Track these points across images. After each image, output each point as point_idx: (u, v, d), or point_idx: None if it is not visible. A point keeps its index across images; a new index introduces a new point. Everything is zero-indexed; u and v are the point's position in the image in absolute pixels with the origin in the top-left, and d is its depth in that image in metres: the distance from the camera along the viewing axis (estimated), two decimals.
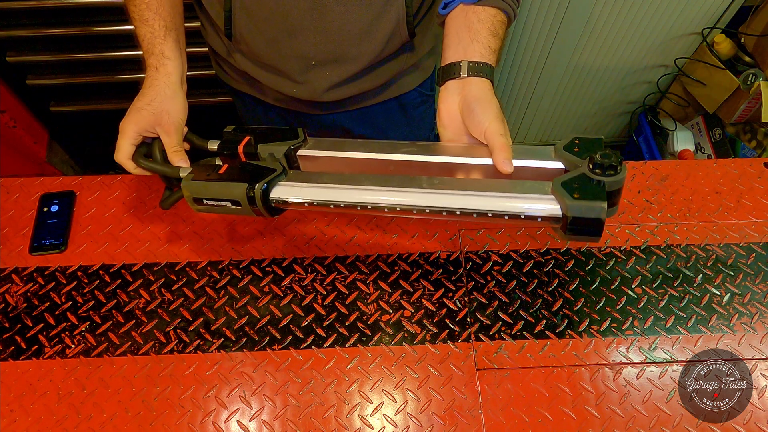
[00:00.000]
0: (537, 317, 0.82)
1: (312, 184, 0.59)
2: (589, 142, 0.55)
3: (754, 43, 1.51)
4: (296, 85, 0.80)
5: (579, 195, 0.49)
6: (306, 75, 0.78)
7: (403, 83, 0.87)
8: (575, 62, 1.68)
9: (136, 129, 0.64)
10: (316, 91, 0.80)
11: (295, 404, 0.73)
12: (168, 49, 0.66)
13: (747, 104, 1.55)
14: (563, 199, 0.50)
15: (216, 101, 1.60)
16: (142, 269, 0.83)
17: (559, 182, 0.51)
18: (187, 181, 0.61)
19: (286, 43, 0.73)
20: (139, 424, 0.70)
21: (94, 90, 1.60)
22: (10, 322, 0.78)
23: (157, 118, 0.65)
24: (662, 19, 1.53)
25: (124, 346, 0.76)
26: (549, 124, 1.96)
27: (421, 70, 0.88)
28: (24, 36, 1.39)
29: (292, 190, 0.59)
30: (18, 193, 0.91)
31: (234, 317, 0.80)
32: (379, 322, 0.80)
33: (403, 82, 0.87)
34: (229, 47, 0.79)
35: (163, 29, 0.66)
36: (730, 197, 0.96)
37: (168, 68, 0.66)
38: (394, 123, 0.93)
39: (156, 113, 0.65)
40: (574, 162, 0.54)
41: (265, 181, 0.58)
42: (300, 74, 0.78)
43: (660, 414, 0.74)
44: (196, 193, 0.61)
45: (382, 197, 0.57)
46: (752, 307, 0.84)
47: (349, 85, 0.80)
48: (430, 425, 0.72)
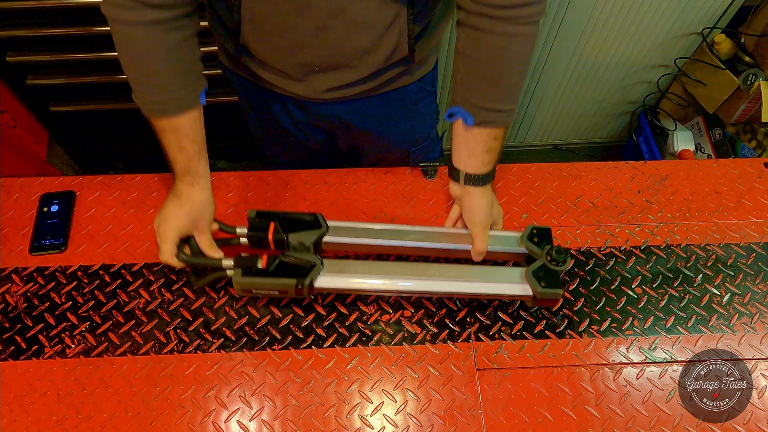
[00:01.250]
0: (537, 317, 0.82)
1: (343, 275, 0.75)
2: (542, 230, 0.78)
3: (754, 43, 1.51)
4: (297, 84, 0.82)
5: (545, 284, 0.72)
6: (307, 77, 0.80)
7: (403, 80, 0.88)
8: (575, 62, 1.68)
9: (177, 234, 0.74)
10: (316, 91, 0.82)
11: (295, 404, 0.73)
12: (201, 167, 0.74)
13: (747, 104, 1.55)
14: (534, 287, 0.73)
15: (218, 101, 1.60)
16: (142, 269, 0.83)
17: (530, 272, 0.73)
18: (238, 278, 0.71)
19: (290, 52, 0.76)
20: (139, 424, 0.70)
21: (94, 90, 1.60)
22: (10, 322, 0.78)
23: (195, 224, 0.75)
24: (662, 19, 1.53)
25: (124, 346, 0.76)
26: (549, 124, 1.96)
27: (423, 65, 0.89)
28: (24, 36, 1.39)
29: (329, 281, 0.74)
30: (18, 193, 0.91)
31: (234, 317, 0.80)
32: (379, 322, 0.80)
33: (402, 80, 0.87)
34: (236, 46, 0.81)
35: (197, 153, 0.73)
36: (730, 197, 0.96)
37: (202, 183, 0.74)
38: (394, 118, 0.94)
39: (194, 220, 0.74)
40: (534, 251, 0.77)
41: (310, 277, 0.72)
42: (302, 76, 0.80)
43: (660, 414, 0.74)
44: (247, 286, 0.73)
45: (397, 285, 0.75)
46: (752, 307, 0.84)
47: (348, 89, 0.82)
48: (430, 425, 0.72)
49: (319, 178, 0.96)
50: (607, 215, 0.93)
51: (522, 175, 0.98)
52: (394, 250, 0.81)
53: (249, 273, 0.72)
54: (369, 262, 0.80)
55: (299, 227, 0.76)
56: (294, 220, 0.77)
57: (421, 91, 0.92)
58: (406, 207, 0.93)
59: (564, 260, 0.73)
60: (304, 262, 0.74)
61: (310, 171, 0.96)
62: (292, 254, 0.75)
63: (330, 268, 0.75)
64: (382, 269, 0.77)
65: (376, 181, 0.96)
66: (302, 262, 0.74)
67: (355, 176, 0.96)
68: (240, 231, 0.77)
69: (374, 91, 0.85)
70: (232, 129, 1.79)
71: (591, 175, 0.98)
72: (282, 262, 0.73)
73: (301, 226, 0.77)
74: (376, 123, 0.93)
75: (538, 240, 0.77)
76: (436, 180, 0.96)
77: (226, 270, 0.74)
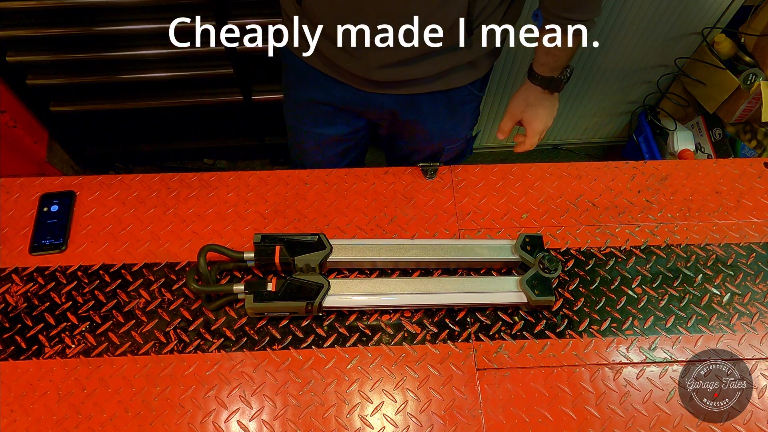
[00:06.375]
0: (537, 317, 0.82)
1: (349, 294, 0.79)
2: (534, 238, 0.84)
3: (754, 42, 1.51)
4: (351, 59, 0.83)
5: (538, 292, 0.78)
6: (361, 52, 0.81)
7: (455, 78, 0.89)
8: (575, 62, 1.68)
9: None
10: (369, 68, 0.83)
11: (295, 404, 0.73)
12: None
13: (747, 104, 1.55)
14: (529, 295, 0.78)
15: (218, 101, 1.60)
16: (142, 269, 0.83)
17: (525, 281, 0.79)
18: (250, 303, 0.75)
19: (348, 15, 0.77)
20: (139, 424, 0.70)
21: (94, 90, 1.60)
22: (10, 322, 0.78)
23: None
24: (662, 19, 1.53)
25: (124, 346, 0.76)
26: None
27: (476, 68, 0.90)
28: (24, 36, 1.39)
29: (336, 300, 0.78)
30: (18, 193, 0.91)
31: (234, 317, 0.80)
32: (379, 322, 0.80)
33: (454, 77, 0.88)
34: (299, 12, 0.83)
35: None
36: (730, 197, 0.96)
37: None
38: (438, 115, 0.95)
39: None
40: (528, 259, 0.82)
41: (319, 299, 0.76)
42: (356, 50, 0.81)
43: (660, 414, 0.74)
44: (259, 310, 0.76)
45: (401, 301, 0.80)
46: (752, 307, 0.84)
47: (400, 68, 0.83)
48: (430, 425, 0.72)
49: (319, 178, 0.96)
50: (607, 215, 0.93)
51: (522, 175, 0.98)
52: (395, 264, 0.85)
53: (260, 297, 0.75)
54: (373, 280, 0.83)
55: (304, 249, 0.80)
56: (298, 242, 0.81)
57: (469, 94, 0.94)
58: (406, 207, 0.93)
59: (555, 268, 0.79)
60: (312, 283, 0.78)
61: (310, 171, 0.96)
62: (300, 276, 0.78)
63: (337, 288, 0.79)
64: (385, 287, 0.80)
65: (376, 181, 0.96)
66: (310, 284, 0.78)
67: (355, 176, 0.96)
68: (247, 256, 0.80)
69: (425, 82, 0.86)
70: (232, 129, 1.79)
71: (591, 175, 0.98)
72: (290, 284, 0.77)
73: (305, 248, 0.80)
74: (423, 117, 0.95)
75: (531, 248, 0.83)
76: (436, 180, 0.96)
77: (238, 294, 0.77)
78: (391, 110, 0.93)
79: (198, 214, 0.90)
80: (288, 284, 0.77)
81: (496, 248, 0.85)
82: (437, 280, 0.82)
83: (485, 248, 0.84)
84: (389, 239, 0.86)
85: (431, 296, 0.79)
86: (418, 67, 0.83)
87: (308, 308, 0.76)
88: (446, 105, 0.93)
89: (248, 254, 0.80)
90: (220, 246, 0.79)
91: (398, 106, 0.92)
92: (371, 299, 0.79)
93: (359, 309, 0.81)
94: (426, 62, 0.82)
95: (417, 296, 0.79)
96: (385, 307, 0.81)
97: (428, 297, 0.79)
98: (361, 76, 0.85)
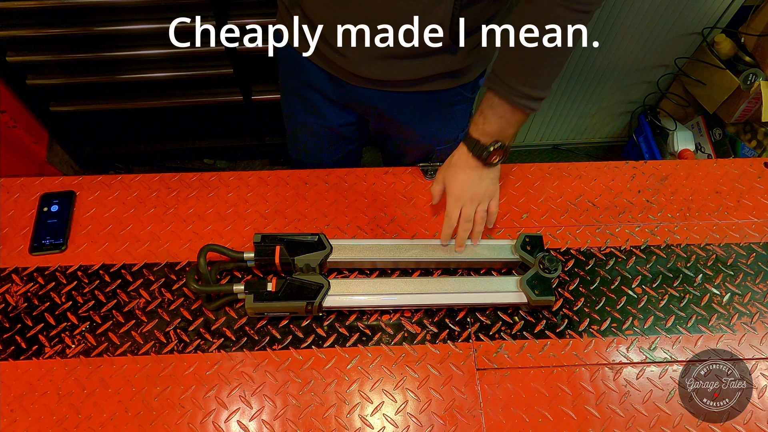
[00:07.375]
0: (537, 317, 0.82)
1: (349, 294, 0.79)
2: (534, 238, 0.84)
3: (754, 43, 1.51)
4: (336, 55, 0.83)
5: (538, 292, 0.78)
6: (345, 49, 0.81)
7: (443, 83, 0.88)
8: (575, 62, 1.68)
9: None
10: (353, 63, 0.83)
11: (295, 404, 0.73)
12: None
13: (747, 104, 1.55)
14: (529, 295, 0.78)
15: (218, 101, 1.61)
16: (142, 269, 0.83)
17: (525, 281, 0.79)
18: (250, 303, 0.75)
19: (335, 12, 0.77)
20: (139, 424, 0.70)
21: (94, 90, 1.60)
22: (10, 322, 0.78)
23: None
24: (662, 19, 1.54)
25: (124, 346, 0.76)
26: (549, 124, 1.96)
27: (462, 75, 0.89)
28: (24, 36, 1.39)
29: (336, 300, 0.78)
30: (18, 193, 0.91)
31: (234, 317, 0.80)
32: (379, 322, 0.80)
33: (442, 82, 0.88)
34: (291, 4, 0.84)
35: None
36: (730, 197, 0.96)
37: None
38: (426, 115, 0.95)
39: None
40: (528, 259, 0.82)
41: (319, 299, 0.76)
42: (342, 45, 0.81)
43: (660, 414, 0.74)
44: (259, 309, 0.76)
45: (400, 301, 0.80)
46: (752, 306, 0.84)
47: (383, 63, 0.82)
48: (430, 425, 0.72)
49: (319, 178, 0.96)
50: (607, 215, 0.93)
51: (522, 175, 0.98)
52: (395, 264, 0.85)
53: (260, 297, 0.75)
54: (373, 280, 0.83)
55: (304, 249, 0.80)
56: (298, 242, 0.81)
57: (459, 95, 0.93)
58: (406, 207, 0.93)
59: (555, 268, 0.79)
60: (312, 283, 0.78)
61: (310, 171, 0.96)
62: (300, 276, 0.78)
63: (337, 288, 0.79)
64: (385, 287, 0.80)
65: (376, 181, 0.96)
66: (310, 284, 0.77)
67: (355, 176, 0.96)
68: (247, 256, 0.80)
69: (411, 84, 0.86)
70: (232, 129, 1.79)
71: (591, 175, 0.99)
72: (290, 284, 0.77)
73: (305, 248, 0.80)
74: (408, 116, 0.94)
75: (531, 248, 0.83)
76: None
77: (238, 294, 0.77)
78: (374, 106, 0.93)
79: (198, 214, 0.90)
80: (288, 284, 0.77)
81: (496, 248, 0.85)
82: (437, 280, 0.83)
83: (485, 248, 0.84)
84: (389, 239, 0.86)
85: (431, 296, 0.79)
86: (403, 67, 0.82)
87: (308, 308, 0.76)
88: (433, 105, 0.92)
89: (248, 254, 0.80)
90: (220, 246, 0.79)
91: (381, 102, 0.91)
92: (371, 299, 0.79)
93: (359, 309, 0.81)
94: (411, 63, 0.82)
95: (417, 296, 0.79)
96: (385, 307, 0.81)
97: (428, 297, 0.79)
98: (347, 69, 0.85)
